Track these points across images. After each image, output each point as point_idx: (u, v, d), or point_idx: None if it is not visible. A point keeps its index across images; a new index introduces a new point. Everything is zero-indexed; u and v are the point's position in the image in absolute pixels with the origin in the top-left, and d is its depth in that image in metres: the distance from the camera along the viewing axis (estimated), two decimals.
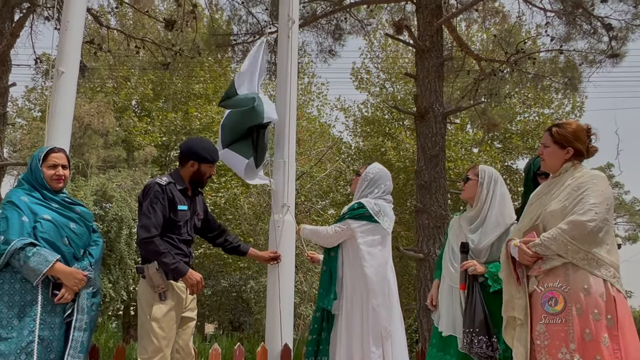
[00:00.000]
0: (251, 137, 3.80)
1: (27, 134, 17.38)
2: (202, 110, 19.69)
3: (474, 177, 3.39)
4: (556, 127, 2.82)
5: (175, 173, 3.36)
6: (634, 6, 9.27)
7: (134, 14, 16.64)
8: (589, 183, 2.62)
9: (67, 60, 3.77)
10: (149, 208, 3.11)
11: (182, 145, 3.43)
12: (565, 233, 2.51)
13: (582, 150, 2.76)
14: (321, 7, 10.54)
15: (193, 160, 3.33)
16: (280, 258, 3.75)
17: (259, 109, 3.72)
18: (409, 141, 17.39)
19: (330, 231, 3.60)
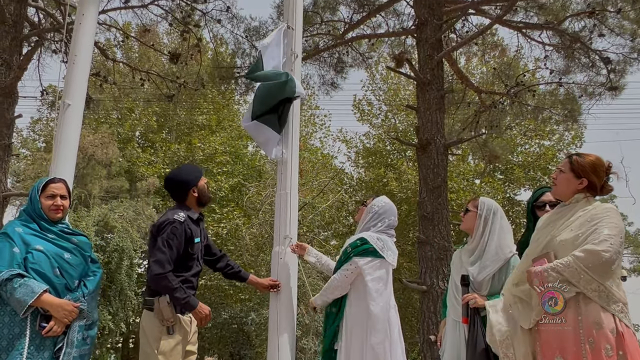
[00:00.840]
0: (277, 111, 3.83)
1: (31, 164, 17.49)
2: (205, 141, 19.84)
3: (473, 208, 3.39)
4: (577, 155, 2.81)
5: (183, 207, 3.36)
6: (631, 40, 9.43)
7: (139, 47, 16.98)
8: (603, 215, 2.60)
9: (73, 93, 3.82)
10: (164, 243, 3.11)
11: (170, 184, 3.40)
12: (580, 261, 2.48)
13: (596, 184, 2.74)
14: (323, 41, 10.75)
15: (191, 187, 3.35)
16: (279, 286, 3.71)
17: (292, 83, 3.79)
18: (410, 172, 17.43)
19: (340, 278, 3.54)
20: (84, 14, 4.04)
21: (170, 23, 10.61)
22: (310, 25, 10.21)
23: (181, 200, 3.38)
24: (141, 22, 10.68)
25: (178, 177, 3.39)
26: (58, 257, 2.96)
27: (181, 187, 3.36)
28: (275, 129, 3.81)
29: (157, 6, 10.16)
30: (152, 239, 3.21)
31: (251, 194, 17.10)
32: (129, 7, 10.09)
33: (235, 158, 20.24)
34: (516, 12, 9.92)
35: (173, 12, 10.32)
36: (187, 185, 3.35)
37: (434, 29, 8.54)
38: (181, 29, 10.32)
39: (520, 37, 10.35)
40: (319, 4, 10.44)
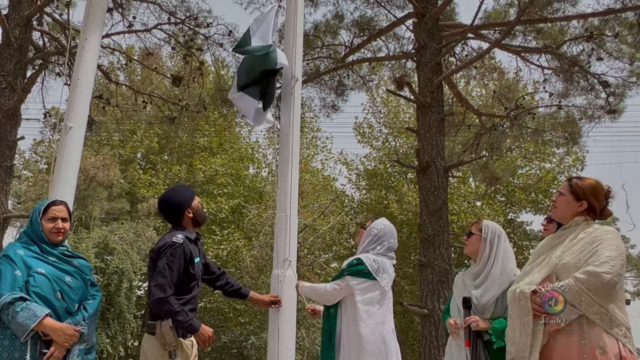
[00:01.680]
0: (261, 83, 3.97)
1: (32, 186, 17.54)
2: (206, 162, 19.91)
3: (477, 232, 3.37)
4: (577, 178, 2.84)
5: (179, 228, 3.33)
6: (629, 64, 9.52)
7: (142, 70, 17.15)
8: (604, 237, 2.60)
9: (75, 116, 3.85)
10: (164, 267, 3.08)
11: (164, 207, 3.38)
12: (581, 283, 2.47)
13: (596, 207, 2.75)
14: (324, 64, 10.86)
15: (185, 208, 3.34)
16: (281, 302, 3.68)
17: (273, 55, 3.92)
18: (411, 194, 17.43)
19: (329, 289, 3.56)
20: (87, 38, 4.10)
21: (173, 47, 10.74)
22: (311, 49, 10.33)
23: (177, 222, 3.36)
24: (144, 46, 10.82)
25: (172, 199, 3.36)
26: (59, 280, 2.94)
27: (176, 210, 3.34)
28: (256, 99, 3.98)
29: (161, 30, 10.31)
30: (152, 263, 3.18)
31: (252, 216, 17.08)
32: (133, 31, 10.24)
33: (236, 179, 20.28)
34: (514, 37, 10.03)
35: (176, 36, 10.47)
36: (182, 207, 3.33)
37: (434, 53, 8.64)
38: (184, 53, 10.45)
39: (519, 61, 10.46)
40: (320, 28, 10.59)
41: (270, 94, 4.01)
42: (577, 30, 9.77)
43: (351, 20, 10.67)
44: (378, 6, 10.65)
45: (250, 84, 3.99)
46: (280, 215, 3.89)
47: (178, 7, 10.27)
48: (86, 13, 4.17)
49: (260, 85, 3.99)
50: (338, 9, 10.66)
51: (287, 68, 4.15)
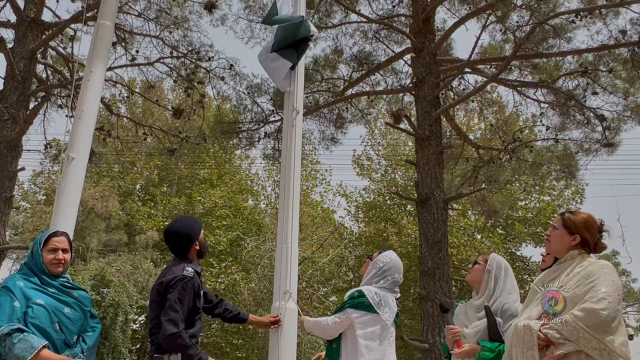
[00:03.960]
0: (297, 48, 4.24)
1: (30, 217, 17.46)
2: (205, 194, 19.91)
3: (483, 262, 3.35)
4: (569, 212, 2.86)
5: (186, 260, 3.31)
6: (624, 98, 9.66)
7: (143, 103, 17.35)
8: (599, 272, 2.60)
9: (78, 147, 3.88)
10: (176, 300, 3.04)
11: (172, 237, 3.35)
12: (579, 320, 2.46)
13: (589, 241, 2.76)
14: (324, 98, 11.01)
15: (193, 241, 3.33)
16: (281, 322, 3.62)
17: (306, 24, 4.23)
18: (411, 227, 17.37)
19: (330, 322, 3.52)
20: (92, 70, 4.17)
21: (175, 80, 10.90)
22: (311, 83, 10.49)
23: (183, 254, 3.33)
24: (146, 79, 10.98)
25: (181, 230, 3.34)
26: (58, 311, 2.92)
27: (183, 242, 3.32)
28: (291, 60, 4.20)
29: (163, 64, 10.48)
30: (159, 296, 3.12)
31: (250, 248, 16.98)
32: (136, 64, 10.41)
33: (235, 211, 20.23)
34: (511, 71, 10.21)
35: (178, 70, 10.63)
36: (190, 240, 3.32)
37: (432, 87, 8.77)
38: (185, 86, 10.60)
39: (515, 95, 10.61)
40: (319, 62, 10.78)
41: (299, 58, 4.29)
42: (572, 65, 9.95)
43: (350, 55, 10.88)
44: (376, 41, 10.87)
45: (286, 47, 4.25)
46: (281, 246, 3.87)
47: (180, 41, 10.48)
48: (92, 46, 4.25)
49: (296, 50, 4.25)
50: (337, 44, 10.89)
51: (288, 100, 4.21)
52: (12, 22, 8.95)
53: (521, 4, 9.38)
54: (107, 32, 4.36)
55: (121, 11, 9.75)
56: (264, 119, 10.64)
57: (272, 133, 10.76)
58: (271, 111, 10.57)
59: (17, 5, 8.76)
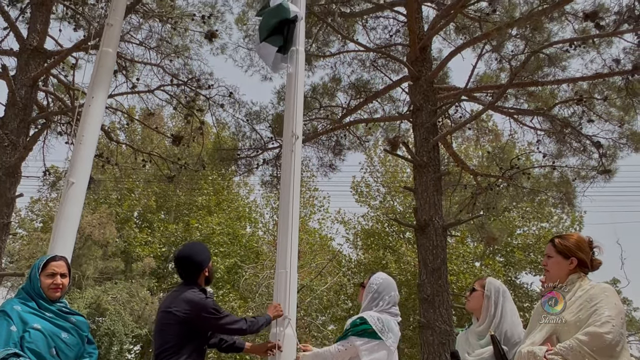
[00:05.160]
0: (282, 32, 4.40)
1: (26, 244, 17.34)
2: (203, 221, 19.84)
3: (480, 288, 3.32)
4: (558, 238, 2.87)
5: (195, 285, 3.32)
6: (619, 126, 9.75)
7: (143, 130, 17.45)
8: (601, 295, 2.59)
9: (78, 172, 3.89)
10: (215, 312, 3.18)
11: (184, 262, 3.38)
12: (584, 344, 2.44)
13: (585, 261, 2.77)
14: (322, 125, 11.09)
15: (204, 267, 3.38)
16: (280, 346, 3.56)
17: (286, 5, 4.38)
18: (410, 254, 17.29)
19: (334, 351, 3.44)
20: (93, 97, 4.21)
21: (175, 107, 10.99)
22: (309, 110, 10.59)
23: (192, 279, 3.35)
24: (146, 106, 11.07)
25: (194, 256, 3.39)
26: (55, 336, 2.90)
27: (195, 267, 3.36)
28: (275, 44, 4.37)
29: (163, 91, 10.59)
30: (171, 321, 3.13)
31: (248, 276, 16.84)
32: (136, 92, 10.52)
33: (232, 239, 20.14)
34: (507, 99, 10.34)
35: (178, 97, 10.73)
36: (201, 266, 3.37)
37: (429, 114, 8.86)
38: (185, 113, 10.68)
39: (512, 122, 10.71)
40: (317, 90, 10.90)
41: (289, 40, 4.44)
42: (567, 93, 10.08)
43: (348, 83, 11.02)
44: (374, 70, 11.03)
45: (271, 34, 4.43)
46: (280, 271, 3.85)
47: (181, 69, 10.61)
48: (94, 73, 4.31)
49: (282, 34, 4.41)
50: (335, 72, 11.04)
51: (287, 126, 4.24)
52: (14, 50, 9.07)
53: (516, 34, 9.55)
54: (109, 60, 4.43)
55: (123, 40, 9.90)
56: (262, 146, 10.70)
57: (271, 160, 10.81)
58: (270, 138, 10.64)
59: (20, 33, 8.89)
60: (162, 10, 9.94)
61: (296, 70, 4.41)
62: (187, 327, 3.13)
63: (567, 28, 9.59)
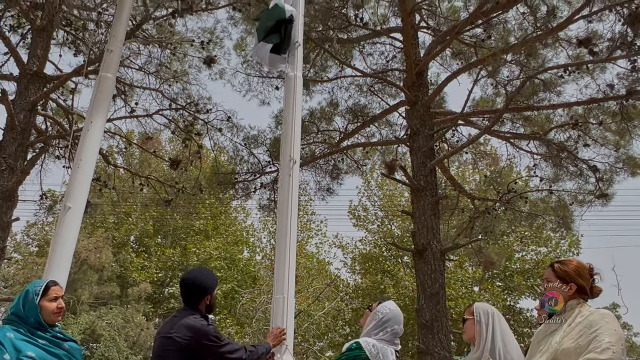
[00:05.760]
0: (280, 30, 4.44)
1: (21, 269, 17.18)
2: (200, 246, 19.73)
3: (470, 316, 3.30)
4: (558, 263, 2.85)
5: (197, 311, 3.28)
6: (615, 150, 9.81)
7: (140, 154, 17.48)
8: (601, 321, 2.57)
9: (75, 196, 3.88)
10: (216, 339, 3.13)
11: (189, 286, 3.34)
12: None
13: (585, 287, 2.75)
14: (319, 149, 11.13)
15: (208, 294, 3.32)
16: None
17: (281, 5, 4.45)
18: (408, 279, 17.18)
19: None
20: (92, 121, 4.23)
21: (173, 131, 11.03)
22: (307, 134, 10.64)
23: (194, 305, 3.30)
24: (145, 130, 11.12)
25: (200, 281, 3.34)
26: None
27: (199, 292, 3.31)
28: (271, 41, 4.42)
29: (162, 115, 10.64)
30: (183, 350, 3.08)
31: (245, 301, 16.67)
32: (135, 116, 10.57)
33: (230, 263, 20.01)
34: (503, 123, 10.42)
35: (176, 121, 10.79)
36: (206, 292, 3.32)
37: (426, 138, 8.91)
38: (183, 137, 10.72)
39: (509, 146, 10.77)
40: (315, 114, 10.98)
41: (287, 39, 4.47)
42: (563, 117, 10.17)
43: (345, 108, 11.10)
44: (371, 94, 11.13)
45: (267, 34, 4.48)
46: (277, 297, 3.81)
47: (179, 94, 10.70)
48: (93, 98, 4.34)
49: (279, 33, 4.46)
50: (333, 97, 11.13)
51: (285, 151, 4.25)
52: (14, 75, 9.14)
53: (511, 60, 9.68)
54: (108, 85, 4.46)
55: (122, 65, 10.00)
56: (260, 170, 10.71)
57: (268, 184, 10.81)
58: (267, 162, 10.67)
59: (20, 58, 8.98)
60: (161, 36, 10.06)
61: (294, 95, 4.44)
62: (187, 353, 3.07)
63: (561, 54, 9.75)
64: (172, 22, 9.74)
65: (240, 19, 10.04)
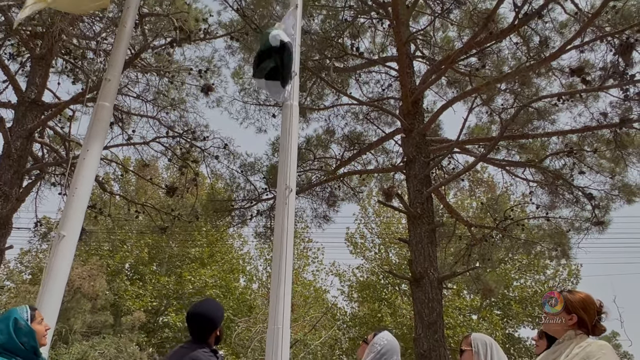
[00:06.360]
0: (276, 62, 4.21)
1: (14, 297, 16.93)
2: (195, 274, 19.53)
3: (467, 347, 3.26)
4: (567, 291, 2.82)
5: (205, 345, 3.21)
6: (610, 177, 9.85)
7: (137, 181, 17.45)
8: (598, 353, 2.53)
9: (69, 225, 3.85)
10: None
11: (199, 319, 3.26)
12: None
13: (587, 322, 2.70)
14: (316, 176, 11.14)
15: (217, 326, 3.26)
16: None
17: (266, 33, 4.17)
18: (405, 307, 16.99)
19: None
20: (88, 149, 4.23)
21: (170, 158, 11.05)
22: (303, 162, 10.67)
23: (203, 338, 3.22)
24: (141, 157, 11.13)
25: (209, 314, 3.26)
26: None
27: (209, 326, 3.23)
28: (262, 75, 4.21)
29: (159, 143, 10.67)
30: None
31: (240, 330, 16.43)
32: (132, 143, 10.59)
33: (225, 292, 19.78)
34: (499, 151, 10.48)
35: (173, 149, 10.81)
36: (215, 325, 3.25)
37: (422, 166, 8.94)
38: (180, 164, 10.73)
39: (504, 174, 10.80)
40: (312, 142, 11.03)
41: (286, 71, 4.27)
42: (557, 145, 10.24)
43: (342, 135, 11.17)
44: (367, 122, 11.21)
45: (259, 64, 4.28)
46: (272, 327, 3.75)
47: (177, 121, 10.75)
48: (90, 126, 4.34)
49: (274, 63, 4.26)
50: (329, 125, 11.21)
51: (281, 179, 4.25)
52: (12, 103, 9.18)
53: (505, 88, 9.81)
54: (105, 113, 4.48)
55: (120, 93, 10.07)
56: (256, 197, 10.70)
57: (265, 211, 10.78)
58: (264, 189, 10.66)
59: (19, 86, 9.03)
60: (160, 65, 10.17)
61: (290, 123, 4.46)
62: None
63: (554, 83, 9.88)
64: (171, 51, 9.86)
65: (237, 48, 10.17)
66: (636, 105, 8.72)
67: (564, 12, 8.94)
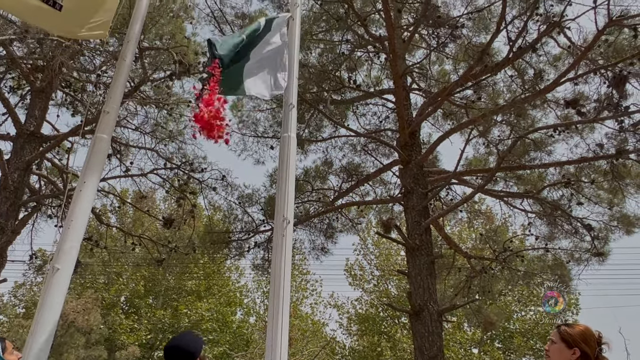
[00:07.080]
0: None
1: (7, 331, 16.62)
2: (191, 307, 19.25)
3: None
4: (565, 325, 2.79)
5: None
6: (608, 208, 9.84)
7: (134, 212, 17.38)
8: None
9: (64, 258, 3.79)
10: None
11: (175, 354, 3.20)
12: None
13: (589, 354, 2.66)
14: (314, 208, 11.11)
15: (196, 358, 3.20)
16: None
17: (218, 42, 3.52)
18: (406, 340, 16.71)
19: None
20: (85, 181, 4.20)
21: (167, 190, 11.03)
22: (301, 193, 10.66)
23: None
24: (139, 189, 11.11)
25: (185, 347, 3.24)
26: None
27: (187, 358, 3.20)
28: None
29: (156, 175, 10.67)
30: None
31: None
32: (129, 175, 10.59)
33: (222, 325, 19.46)
34: (496, 182, 10.49)
35: (171, 180, 10.80)
36: (193, 357, 3.21)
37: (420, 197, 8.93)
38: (177, 196, 10.70)
39: (503, 205, 10.79)
40: (309, 173, 11.04)
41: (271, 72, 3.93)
42: (555, 176, 10.26)
43: (340, 167, 11.20)
44: (365, 154, 11.26)
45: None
46: None
47: (175, 153, 10.77)
48: (87, 158, 4.33)
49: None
50: (327, 156, 11.25)
51: (278, 211, 4.22)
52: (11, 135, 9.21)
53: (501, 120, 9.89)
54: (103, 145, 4.47)
55: (119, 125, 10.13)
56: (254, 229, 10.63)
57: (262, 243, 10.70)
58: (262, 221, 10.61)
59: (18, 119, 9.08)
60: (158, 97, 10.26)
61: (288, 156, 4.46)
62: None
63: (550, 114, 9.98)
64: (170, 84, 9.96)
65: None
66: (632, 136, 8.78)
67: (557, 45, 9.10)
